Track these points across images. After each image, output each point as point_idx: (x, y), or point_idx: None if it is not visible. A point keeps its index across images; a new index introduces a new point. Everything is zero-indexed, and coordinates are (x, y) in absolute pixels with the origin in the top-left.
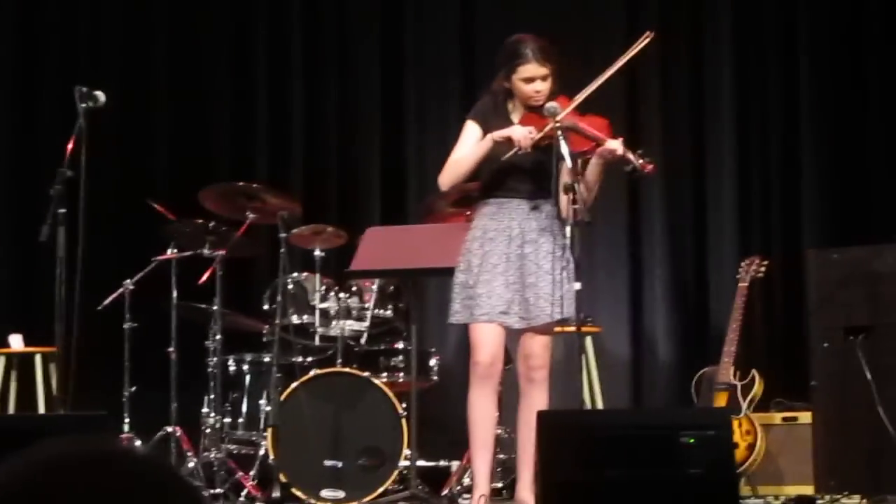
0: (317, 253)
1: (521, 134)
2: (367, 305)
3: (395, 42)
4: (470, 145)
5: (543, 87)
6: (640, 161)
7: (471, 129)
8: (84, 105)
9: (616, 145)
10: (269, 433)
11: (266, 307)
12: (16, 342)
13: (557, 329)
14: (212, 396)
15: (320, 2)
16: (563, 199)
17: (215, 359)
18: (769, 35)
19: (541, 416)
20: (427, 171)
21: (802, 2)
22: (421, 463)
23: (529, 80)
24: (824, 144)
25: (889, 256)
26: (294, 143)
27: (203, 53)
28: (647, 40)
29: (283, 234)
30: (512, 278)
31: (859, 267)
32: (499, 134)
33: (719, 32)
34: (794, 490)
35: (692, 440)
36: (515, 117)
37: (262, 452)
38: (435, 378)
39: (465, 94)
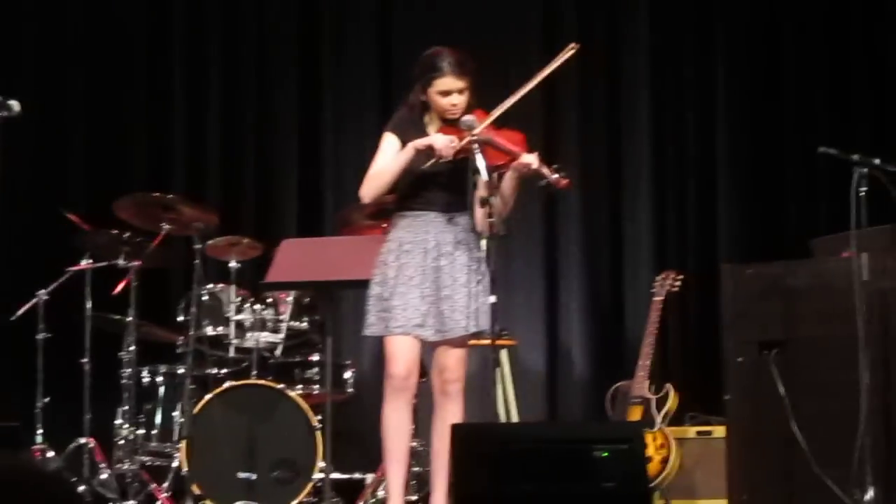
0: (232, 264)
1: (443, 142)
2: (282, 317)
3: (312, 54)
4: (390, 157)
5: (460, 100)
6: (555, 176)
7: (389, 141)
8: None
9: (531, 160)
10: (182, 445)
11: (181, 318)
12: None
13: (472, 342)
14: (125, 408)
15: (238, 13)
16: (479, 212)
17: (129, 370)
18: (686, 50)
19: (455, 428)
20: (344, 183)
21: (719, 17)
22: (335, 475)
23: (446, 93)
24: (740, 160)
25: (803, 272)
26: (210, 154)
27: (119, 63)
28: (572, 52)
29: (198, 246)
30: (427, 291)
31: (774, 282)
32: (420, 142)
33: (636, 47)
34: None
35: (605, 454)
36: (432, 130)
37: (175, 464)
38: (350, 390)
39: (383, 106)
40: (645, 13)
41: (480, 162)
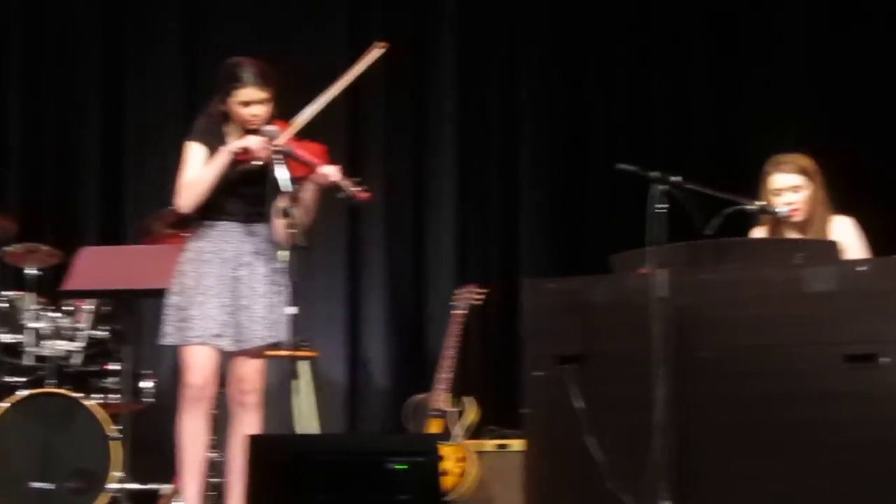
0: (31, 272)
1: (259, 143)
2: (80, 326)
3: (115, 61)
4: (199, 165)
5: (261, 111)
6: (356, 189)
7: (196, 151)
8: None
9: (331, 172)
10: None
11: None
12: None
13: (271, 353)
14: None
15: (41, 18)
16: (280, 223)
17: None
18: (492, 64)
19: (251, 439)
20: (145, 192)
21: (523, 33)
22: (132, 486)
23: (247, 103)
24: (543, 176)
25: (602, 287)
26: (10, 160)
27: None
28: (380, 52)
29: None
30: (226, 301)
31: (573, 297)
32: (236, 145)
33: (443, 60)
34: None
35: (401, 466)
36: (233, 140)
37: None
38: (149, 400)
39: (187, 115)
40: (451, 33)
41: (281, 173)
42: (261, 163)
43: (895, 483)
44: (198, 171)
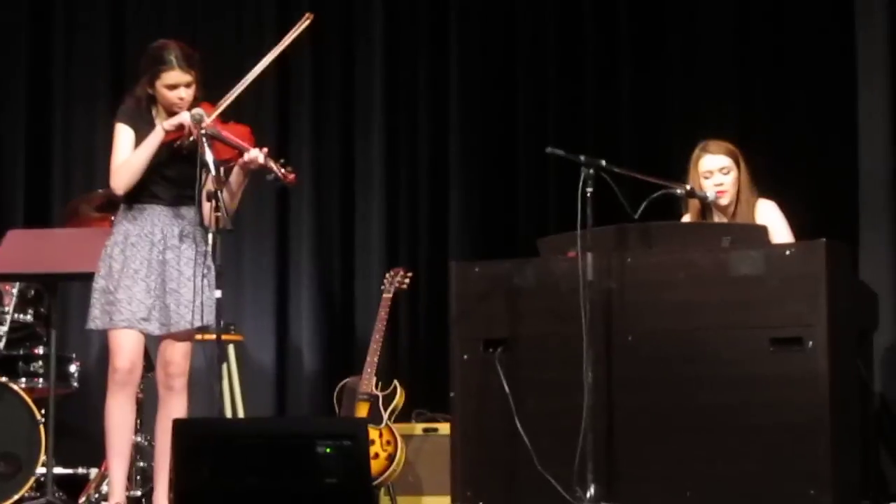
0: None
1: (192, 120)
2: (6, 309)
3: (42, 42)
4: (129, 146)
5: (187, 93)
6: (282, 171)
7: (125, 132)
8: None
9: (257, 154)
10: None
11: None
12: None
13: (198, 337)
14: None
15: None
16: (206, 206)
17: None
18: (421, 48)
19: (176, 423)
20: (72, 173)
21: (454, 12)
22: (58, 470)
23: (173, 86)
24: (473, 158)
25: (529, 271)
26: None
27: None
28: (307, 23)
29: None
30: (153, 284)
31: (500, 281)
32: (169, 123)
33: (370, 44)
34: (432, 500)
35: (329, 449)
36: (159, 123)
37: None
38: (75, 384)
39: (113, 96)
40: (380, 11)
41: (209, 156)
42: (191, 139)
43: (821, 465)
44: (128, 153)
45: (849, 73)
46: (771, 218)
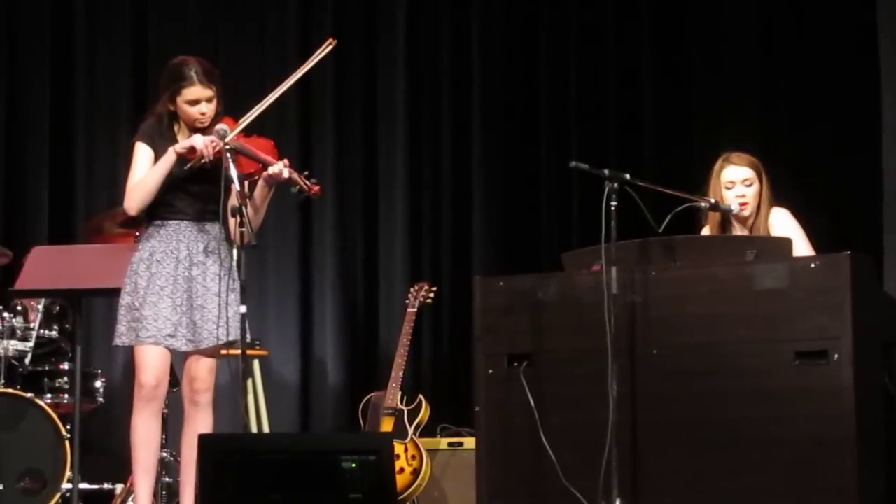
0: None
1: (204, 142)
2: (31, 325)
3: (65, 60)
4: (147, 166)
5: (209, 108)
6: (307, 183)
7: (143, 152)
8: None
9: (281, 168)
10: None
11: None
12: None
13: (224, 352)
14: None
15: None
16: (231, 221)
17: None
18: (444, 63)
19: (201, 438)
20: (96, 191)
21: (477, 24)
22: (84, 486)
23: (195, 102)
24: (496, 173)
25: (552, 285)
26: None
27: None
28: (330, 48)
29: None
30: (179, 300)
31: (523, 295)
32: (181, 145)
33: (393, 56)
34: None
35: (353, 464)
36: (181, 139)
37: None
38: (100, 400)
39: (136, 114)
40: (402, 21)
41: (233, 171)
42: (205, 161)
43: (846, 479)
44: (144, 174)
45: (872, 84)
46: (786, 226)
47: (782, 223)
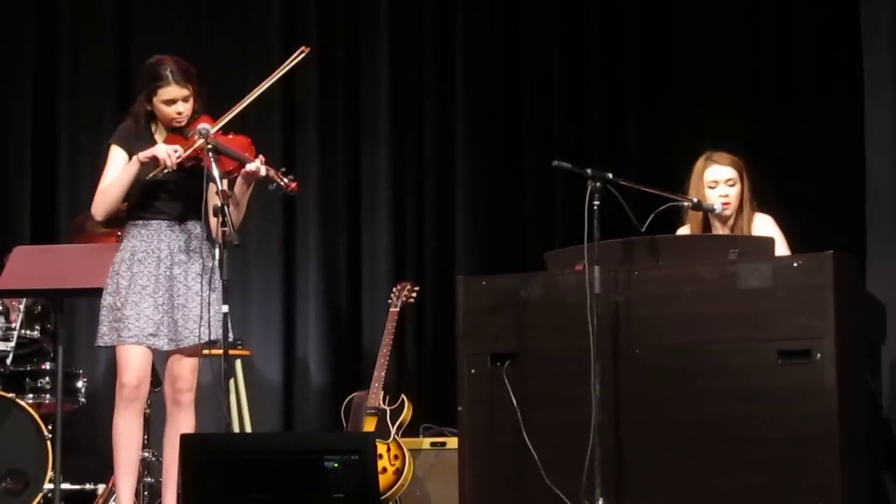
0: None
1: (166, 152)
2: (13, 325)
3: (48, 59)
4: (117, 170)
5: (185, 108)
6: (284, 180)
7: (116, 155)
8: None
9: (258, 166)
10: None
11: None
12: None
13: (205, 352)
14: None
15: None
16: (213, 220)
17: None
18: (427, 59)
19: (183, 438)
20: (79, 190)
21: (458, 29)
22: (66, 486)
23: (171, 101)
24: (479, 172)
25: (535, 285)
26: None
27: None
28: (303, 55)
29: None
30: (161, 300)
31: (506, 295)
32: (143, 155)
33: (376, 58)
34: None
35: (336, 464)
36: (159, 139)
37: None
38: (82, 400)
39: (120, 113)
40: (385, 22)
41: (215, 170)
42: (167, 171)
43: (830, 478)
44: (110, 179)
45: (855, 85)
46: (768, 232)
47: (764, 229)
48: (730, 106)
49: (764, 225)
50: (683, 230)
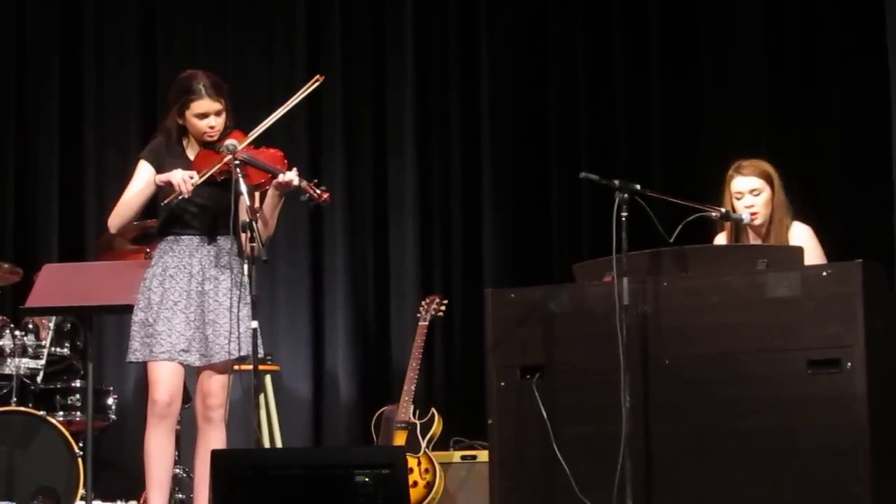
0: None
1: (181, 178)
2: (43, 343)
3: (74, 78)
4: (139, 185)
5: (217, 122)
6: (317, 191)
7: (143, 170)
8: None
9: (291, 176)
10: None
11: None
12: None
13: (236, 367)
14: None
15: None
16: (242, 235)
17: None
18: (452, 73)
19: (214, 454)
20: (106, 208)
21: (484, 39)
22: (97, 503)
23: (203, 115)
24: (505, 185)
25: (564, 297)
26: None
27: None
28: (317, 84)
29: None
30: (192, 315)
31: (536, 307)
32: (160, 178)
33: (401, 70)
34: None
35: (367, 478)
36: (191, 154)
37: None
38: (112, 417)
39: (146, 131)
40: (410, 32)
41: (242, 186)
42: (182, 197)
43: (861, 488)
44: (129, 194)
45: (882, 92)
46: (804, 242)
47: (800, 239)
48: (755, 114)
49: (800, 235)
50: (720, 238)
